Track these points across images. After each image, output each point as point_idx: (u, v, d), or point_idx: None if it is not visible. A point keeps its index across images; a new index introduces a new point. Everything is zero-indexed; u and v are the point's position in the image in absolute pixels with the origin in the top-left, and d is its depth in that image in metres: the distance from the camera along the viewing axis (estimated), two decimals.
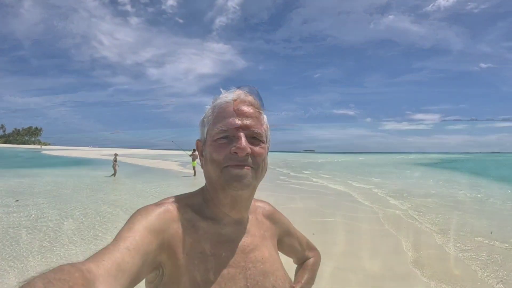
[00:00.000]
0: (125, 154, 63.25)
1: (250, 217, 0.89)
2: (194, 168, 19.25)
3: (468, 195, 12.60)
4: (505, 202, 10.71)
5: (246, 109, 0.78)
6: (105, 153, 67.35)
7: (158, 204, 0.77)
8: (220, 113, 0.78)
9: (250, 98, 0.81)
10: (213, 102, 0.83)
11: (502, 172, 28.20)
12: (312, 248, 1.15)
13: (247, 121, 0.77)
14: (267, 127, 0.83)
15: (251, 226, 0.87)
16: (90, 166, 26.14)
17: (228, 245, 0.79)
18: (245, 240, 0.82)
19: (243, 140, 0.74)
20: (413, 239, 6.05)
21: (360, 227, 7.03)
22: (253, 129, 0.77)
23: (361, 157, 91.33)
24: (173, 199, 0.80)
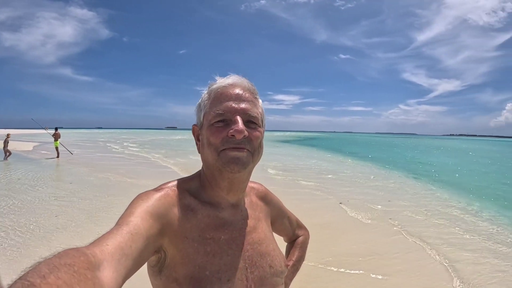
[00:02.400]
0: None
1: (245, 199, 0.91)
2: (57, 149, 16.77)
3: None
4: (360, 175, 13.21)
5: (243, 93, 0.79)
6: None
7: (157, 189, 0.78)
8: (217, 98, 0.79)
9: (246, 83, 0.82)
10: (209, 87, 0.83)
11: (352, 148, 35.39)
12: (301, 226, 1.20)
13: (244, 105, 0.78)
14: (262, 111, 0.85)
15: (247, 208, 0.90)
16: None
17: (226, 228, 0.81)
18: (242, 223, 0.85)
19: (240, 123, 0.75)
20: None
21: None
22: (250, 113, 0.78)
23: None
24: (171, 184, 0.81)
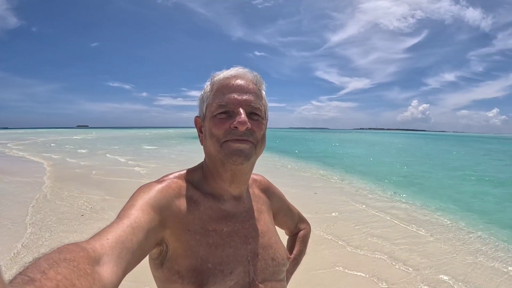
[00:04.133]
0: None
1: (248, 191, 0.90)
2: None
3: None
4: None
5: (246, 84, 0.78)
6: None
7: (159, 180, 0.77)
8: (220, 89, 0.78)
9: (250, 74, 0.81)
10: (211, 79, 0.81)
11: (268, 143, 37.76)
12: (303, 220, 1.19)
13: (247, 97, 0.76)
14: (266, 104, 0.83)
15: (250, 200, 0.89)
16: None
17: (229, 220, 0.80)
18: (245, 215, 0.85)
19: (243, 115, 0.74)
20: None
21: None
22: (253, 105, 0.77)
23: (116, 133, 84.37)
24: (174, 176, 0.80)
